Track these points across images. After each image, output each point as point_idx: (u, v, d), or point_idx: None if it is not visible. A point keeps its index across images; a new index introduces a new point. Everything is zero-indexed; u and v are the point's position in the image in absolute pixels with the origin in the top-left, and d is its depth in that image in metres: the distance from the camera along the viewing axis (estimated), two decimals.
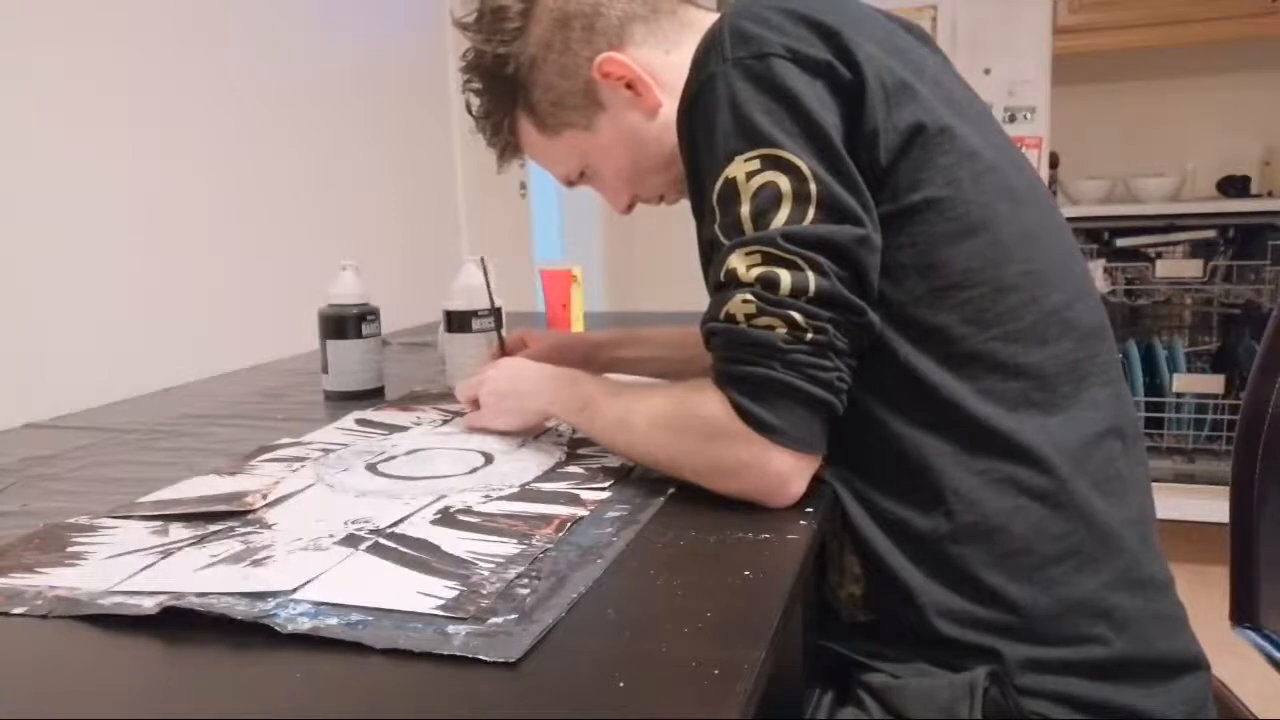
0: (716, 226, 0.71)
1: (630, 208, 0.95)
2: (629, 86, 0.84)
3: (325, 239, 1.78)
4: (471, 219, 2.38)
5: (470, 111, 0.92)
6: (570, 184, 0.95)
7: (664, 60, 0.85)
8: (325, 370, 1.19)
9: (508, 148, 0.93)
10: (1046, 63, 2.57)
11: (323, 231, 1.78)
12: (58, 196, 1.24)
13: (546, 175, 0.97)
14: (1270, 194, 2.73)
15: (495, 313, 1.13)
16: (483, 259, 1.11)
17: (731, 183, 0.70)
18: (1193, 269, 2.54)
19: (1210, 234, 2.58)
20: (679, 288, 3.38)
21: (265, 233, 1.63)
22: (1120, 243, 2.61)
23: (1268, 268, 2.49)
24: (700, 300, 0.75)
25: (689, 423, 0.73)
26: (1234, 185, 2.75)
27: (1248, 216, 2.55)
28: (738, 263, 0.69)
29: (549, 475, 0.82)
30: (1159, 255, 2.60)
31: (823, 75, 0.70)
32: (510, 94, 0.88)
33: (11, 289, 1.17)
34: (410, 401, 1.14)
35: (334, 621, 0.54)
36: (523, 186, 2.65)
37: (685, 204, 0.83)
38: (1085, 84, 2.91)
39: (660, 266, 3.48)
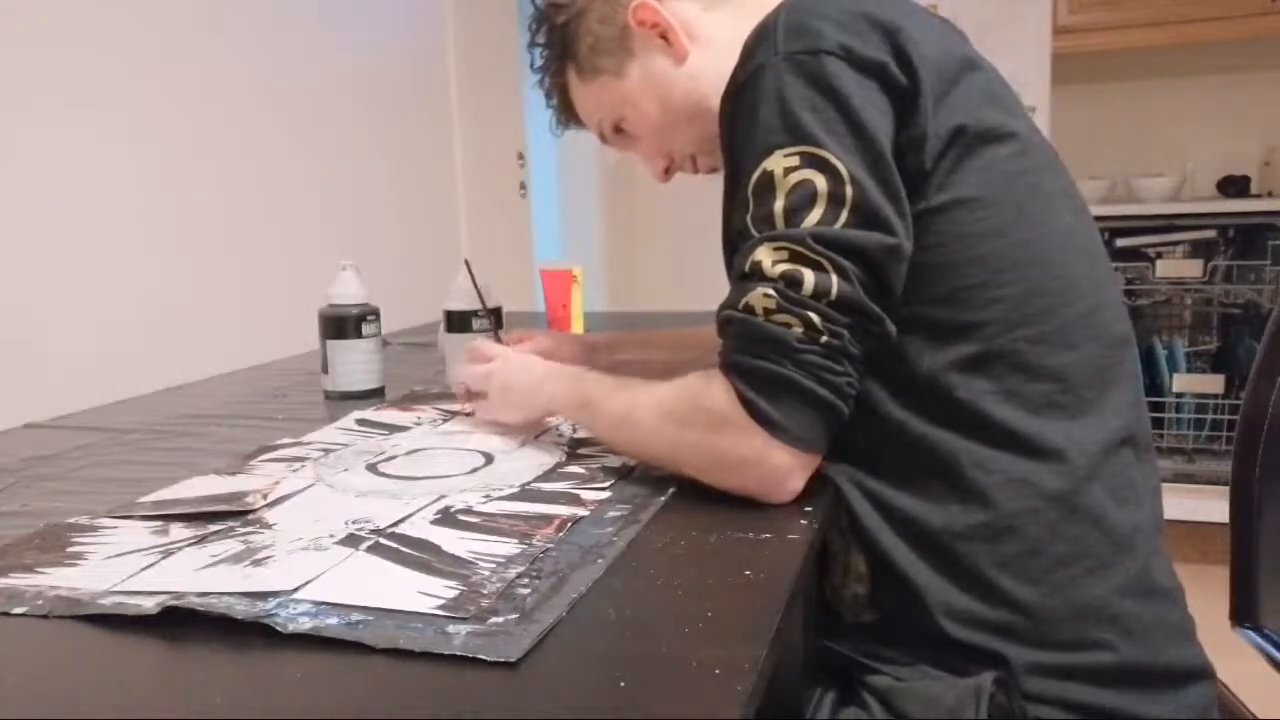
0: (748, 217, 0.71)
1: (667, 173, 0.96)
2: (662, 36, 0.86)
3: (325, 239, 1.78)
4: (471, 219, 2.38)
5: (532, 68, 0.96)
6: (603, 138, 0.97)
7: (700, 15, 0.87)
8: (325, 370, 1.19)
9: (561, 108, 0.96)
10: (1046, 63, 2.57)
11: (323, 231, 1.78)
12: (58, 196, 1.24)
13: (546, 175, 0.98)
14: (1270, 194, 2.72)
15: (494, 313, 1.13)
16: (466, 261, 1.11)
17: (768, 176, 0.70)
18: (1193, 269, 2.54)
19: (1210, 234, 2.58)
20: (679, 288, 3.38)
21: (266, 233, 1.63)
22: (1120, 243, 2.60)
23: (1268, 268, 2.48)
24: (700, 301, 0.75)
25: (693, 415, 0.72)
26: (1234, 185, 2.74)
27: (1248, 216, 2.55)
28: (764, 256, 0.69)
29: (549, 475, 0.82)
30: (1159, 255, 2.60)
31: (875, 76, 0.69)
32: (560, 44, 0.92)
33: (11, 289, 1.17)
34: (410, 401, 1.14)
35: (334, 621, 0.54)
36: (522, 186, 2.65)
37: (687, 207, 0.83)
38: (1085, 84, 2.91)
39: (660, 266, 3.48)
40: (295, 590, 0.58)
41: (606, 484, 0.79)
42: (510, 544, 0.66)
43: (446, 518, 0.72)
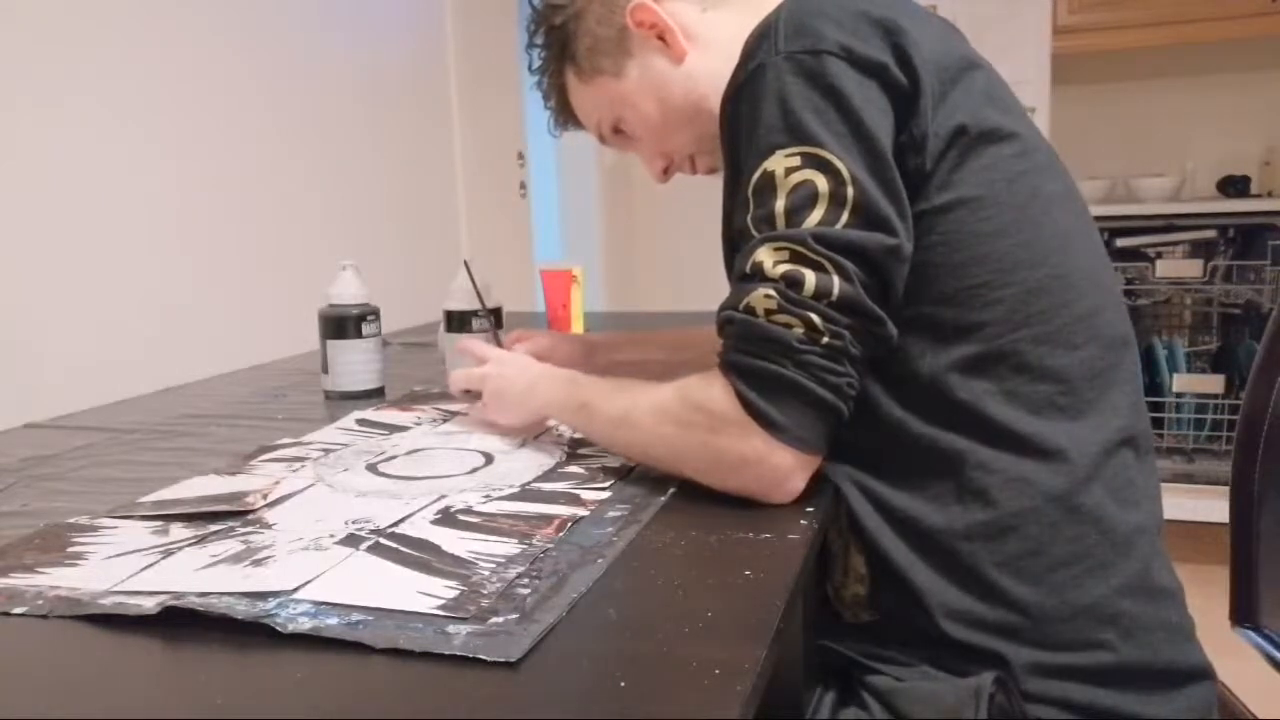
0: (749, 218, 0.71)
1: (666, 173, 0.96)
2: (660, 37, 0.86)
3: (325, 239, 1.78)
4: (471, 219, 2.38)
5: (530, 70, 0.96)
6: (602, 139, 0.97)
7: (698, 16, 0.87)
8: (325, 370, 1.19)
9: (559, 109, 0.96)
10: (1046, 63, 2.57)
11: (323, 231, 1.78)
12: (57, 196, 1.24)
13: (546, 175, 0.98)
14: (1270, 194, 2.72)
15: (493, 313, 1.13)
16: (466, 262, 1.11)
17: (769, 176, 0.70)
18: (1193, 269, 2.54)
19: (1210, 234, 2.58)
20: (678, 288, 3.38)
21: (266, 233, 1.63)
22: (1120, 243, 2.60)
23: (1268, 268, 2.48)
24: (699, 301, 0.75)
25: (693, 416, 0.72)
26: (1234, 185, 2.74)
27: (1248, 216, 2.55)
28: (765, 257, 0.69)
29: (549, 475, 0.82)
30: (1159, 255, 2.60)
31: (876, 76, 0.69)
32: (559, 45, 0.92)
33: (11, 289, 1.17)
34: (410, 401, 1.14)
35: (334, 621, 0.54)
36: (522, 186, 2.65)
37: (687, 207, 0.83)
38: (1085, 84, 2.91)
39: (660, 266, 3.48)
40: (295, 590, 0.58)
41: (606, 484, 0.79)
42: (510, 544, 0.66)
43: (446, 518, 0.72)
